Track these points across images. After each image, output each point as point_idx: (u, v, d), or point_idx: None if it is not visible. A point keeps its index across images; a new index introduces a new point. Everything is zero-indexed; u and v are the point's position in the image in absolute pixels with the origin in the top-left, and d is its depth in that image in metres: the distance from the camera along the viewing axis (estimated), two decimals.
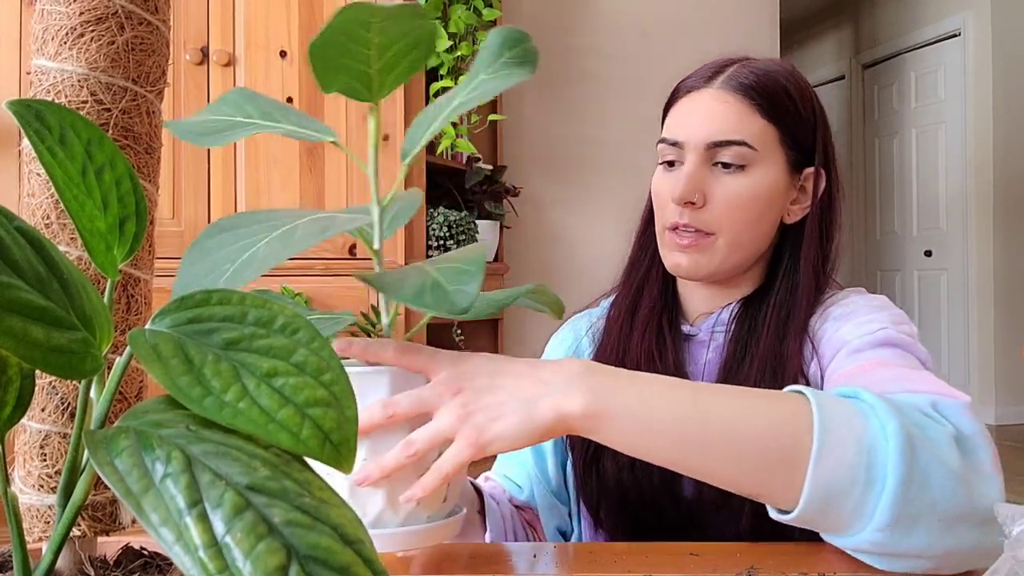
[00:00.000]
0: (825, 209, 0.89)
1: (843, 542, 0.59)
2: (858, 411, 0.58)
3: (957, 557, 0.57)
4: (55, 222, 0.26)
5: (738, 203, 0.82)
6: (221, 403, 0.24)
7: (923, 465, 0.55)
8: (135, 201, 0.26)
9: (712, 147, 0.83)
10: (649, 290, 0.91)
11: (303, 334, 0.26)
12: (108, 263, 0.25)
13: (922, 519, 0.55)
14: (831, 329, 0.81)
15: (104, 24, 0.26)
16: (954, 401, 0.62)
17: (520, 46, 0.56)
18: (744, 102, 0.83)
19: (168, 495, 0.22)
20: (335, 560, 0.21)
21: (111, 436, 0.23)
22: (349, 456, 0.25)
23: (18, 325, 0.23)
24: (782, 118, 0.84)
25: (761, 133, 0.83)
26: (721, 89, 0.84)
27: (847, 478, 0.56)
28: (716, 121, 0.83)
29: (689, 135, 0.84)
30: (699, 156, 0.83)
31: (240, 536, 0.21)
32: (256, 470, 0.23)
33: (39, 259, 0.24)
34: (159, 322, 0.26)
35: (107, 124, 0.26)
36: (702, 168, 0.83)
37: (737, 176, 0.83)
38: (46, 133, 0.25)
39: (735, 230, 0.83)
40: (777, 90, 0.85)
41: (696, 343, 0.89)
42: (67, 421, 0.26)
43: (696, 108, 0.85)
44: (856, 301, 0.83)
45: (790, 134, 0.85)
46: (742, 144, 0.82)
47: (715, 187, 0.83)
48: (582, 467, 0.86)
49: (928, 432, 0.58)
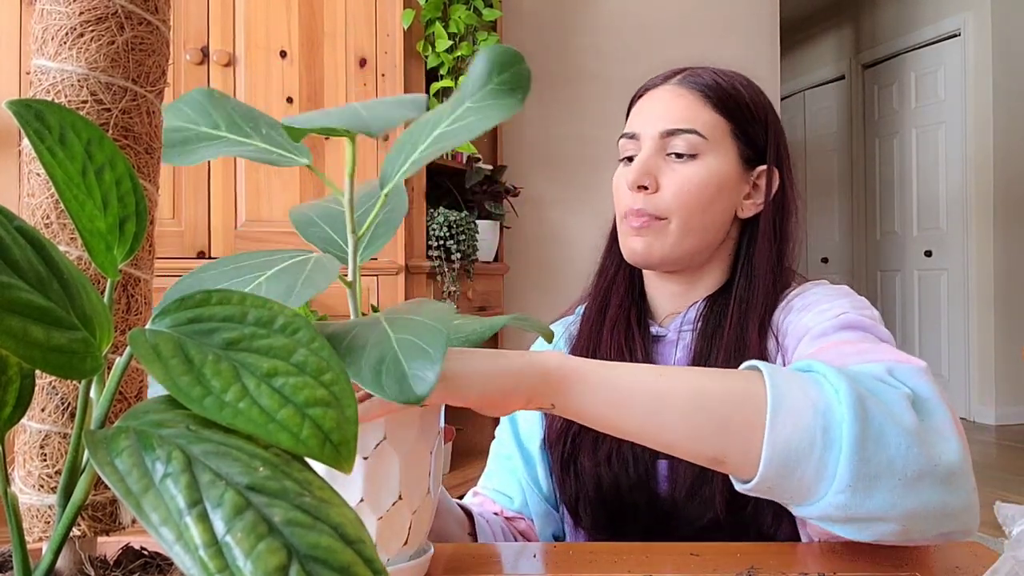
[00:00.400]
0: (779, 208, 0.92)
1: (808, 510, 0.60)
2: (811, 380, 0.61)
3: (921, 519, 0.57)
4: (55, 222, 0.26)
5: (688, 188, 0.86)
6: (221, 403, 0.24)
7: (877, 424, 0.56)
8: (135, 201, 0.26)
9: (665, 135, 0.87)
10: (617, 291, 0.95)
11: (303, 334, 0.26)
12: (108, 263, 0.25)
13: (882, 478, 0.56)
14: (794, 320, 0.82)
15: (104, 24, 0.26)
16: (909, 366, 0.64)
17: (510, 70, 0.53)
18: (697, 96, 0.88)
19: (168, 495, 0.22)
20: (335, 560, 0.21)
21: (111, 436, 0.23)
22: (349, 456, 0.25)
23: (18, 325, 0.23)
24: (733, 113, 0.89)
25: (712, 124, 0.88)
26: (676, 85, 0.90)
27: (805, 440, 0.57)
28: (669, 111, 0.88)
29: (644, 126, 0.89)
30: (652, 144, 0.88)
31: (240, 536, 0.21)
32: (256, 470, 0.23)
33: (39, 259, 0.24)
34: (159, 322, 0.26)
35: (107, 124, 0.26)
36: (655, 156, 0.88)
37: (688, 164, 0.87)
38: (46, 133, 0.25)
39: (685, 214, 0.87)
40: (729, 88, 0.90)
41: (666, 343, 0.92)
42: (67, 421, 0.26)
43: (652, 103, 0.90)
44: (817, 292, 0.85)
45: (741, 129, 0.89)
46: (692, 132, 0.86)
47: (667, 174, 0.87)
48: (560, 466, 0.88)
49: (881, 395, 0.59)
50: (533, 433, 0.93)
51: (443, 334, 0.44)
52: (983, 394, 4.80)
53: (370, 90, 2.24)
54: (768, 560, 0.64)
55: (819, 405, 0.58)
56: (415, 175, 2.34)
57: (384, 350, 0.43)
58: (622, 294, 0.94)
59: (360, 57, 2.25)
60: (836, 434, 0.56)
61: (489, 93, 0.52)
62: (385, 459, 0.54)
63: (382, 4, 2.26)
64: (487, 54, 0.53)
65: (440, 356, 0.42)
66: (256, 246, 2.14)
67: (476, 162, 2.67)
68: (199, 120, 0.53)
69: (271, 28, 2.20)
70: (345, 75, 2.24)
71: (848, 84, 5.84)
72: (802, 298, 0.85)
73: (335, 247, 0.60)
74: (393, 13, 2.27)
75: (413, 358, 0.43)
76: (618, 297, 0.94)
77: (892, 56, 5.45)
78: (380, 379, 0.42)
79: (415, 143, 0.54)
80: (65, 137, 0.25)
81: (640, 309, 0.94)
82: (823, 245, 6.14)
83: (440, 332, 0.44)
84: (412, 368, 0.42)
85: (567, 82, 3.14)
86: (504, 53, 0.53)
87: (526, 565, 0.66)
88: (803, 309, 0.83)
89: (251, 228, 2.15)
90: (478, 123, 0.51)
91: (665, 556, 0.66)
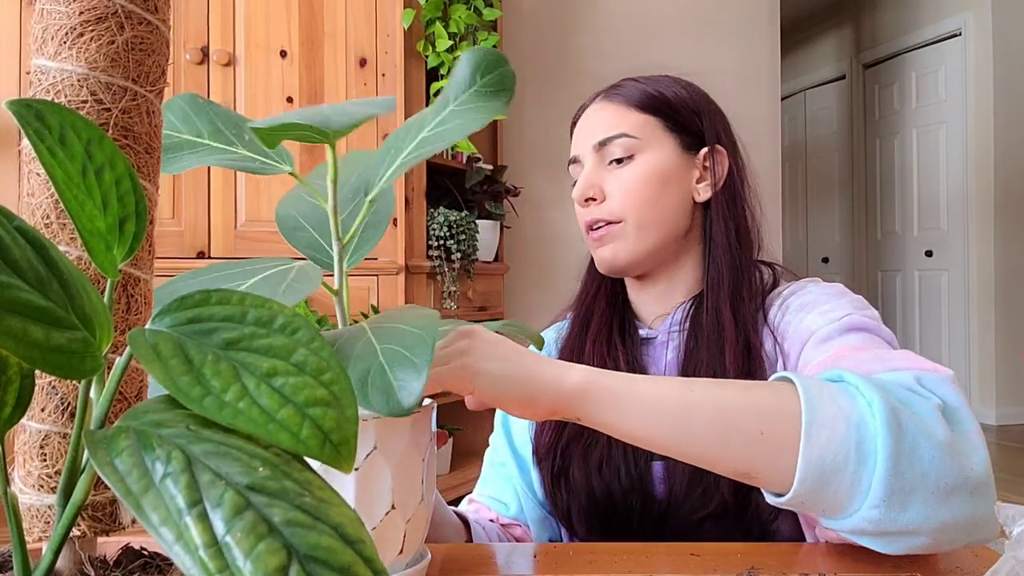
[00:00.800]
0: (730, 185, 0.94)
1: (840, 524, 0.59)
2: (843, 391, 0.59)
3: (952, 531, 0.57)
4: (55, 222, 0.26)
5: (632, 187, 0.89)
6: (221, 403, 0.24)
7: (911, 438, 0.56)
8: (135, 201, 0.26)
9: (598, 147, 0.91)
10: (598, 304, 0.97)
11: (303, 334, 0.26)
12: (108, 263, 0.25)
13: (916, 492, 0.55)
14: (794, 321, 0.82)
15: (104, 24, 0.26)
16: (937, 375, 0.63)
17: (494, 72, 0.52)
18: (620, 104, 0.92)
19: (168, 495, 0.22)
20: (335, 560, 0.21)
21: (111, 436, 0.23)
22: (349, 456, 0.25)
23: (18, 325, 0.22)
24: (659, 109, 0.92)
25: (641, 124, 0.91)
26: (600, 102, 0.95)
27: (840, 455, 0.56)
28: (597, 125, 0.93)
29: (580, 147, 0.94)
30: (591, 159, 0.92)
31: (240, 536, 0.21)
32: (256, 470, 0.23)
33: (39, 259, 0.24)
34: (159, 322, 0.26)
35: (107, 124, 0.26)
36: (597, 168, 0.92)
37: (627, 165, 0.90)
38: (46, 133, 0.25)
39: (637, 212, 0.89)
40: (650, 90, 0.93)
41: (656, 345, 0.92)
42: (67, 421, 0.26)
43: (583, 124, 0.95)
44: (813, 290, 0.85)
45: (672, 121, 0.92)
46: (622, 136, 0.90)
47: (610, 180, 0.91)
48: (551, 479, 0.88)
49: (914, 407, 0.58)
50: (527, 440, 0.93)
51: (428, 342, 0.44)
52: (984, 394, 4.80)
53: (370, 90, 2.24)
54: (768, 560, 0.64)
55: (852, 418, 0.57)
56: (416, 175, 2.33)
57: (370, 362, 0.43)
58: (603, 307, 0.96)
59: (360, 57, 2.25)
60: (871, 448, 0.56)
61: (473, 96, 0.52)
62: (376, 469, 0.54)
63: (382, 4, 2.27)
64: (470, 56, 0.52)
65: (426, 364, 0.42)
66: (256, 246, 2.14)
67: (476, 162, 2.67)
68: (182, 128, 0.52)
69: (271, 28, 2.20)
70: (345, 75, 2.24)
71: (849, 84, 5.84)
72: (798, 297, 0.85)
73: (321, 251, 0.59)
74: (393, 13, 2.27)
75: (399, 368, 0.42)
76: (599, 310, 0.96)
77: (893, 56, 5.45)
78: (366, 391, 0.41)
79: (400, 148, 0.54)
80: (65, 137, 0.25)
81: (623, 318, 0.95)
82: (824, 245, 6.14)
83: (425, 340, 0.44)
84: (398, 379, 0.42)
85: (567, 82, 3.14)
86: (488, 55, 0.52)
87: (526, 565, 0.66)
88: (801, 309, 0.82)
89: (251, 228, 2.15)
90: (462, 126, 0.51)
91: (665, 556, 0.66)
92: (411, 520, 0.56)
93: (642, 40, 3.23)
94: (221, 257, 2.14)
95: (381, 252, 2.23)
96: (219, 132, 0.53)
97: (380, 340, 0.44)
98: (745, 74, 3.39)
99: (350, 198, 0.60)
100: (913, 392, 0.60)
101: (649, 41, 3.23)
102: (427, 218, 2.37)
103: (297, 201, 0.64)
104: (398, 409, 0.41)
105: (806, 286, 0.87)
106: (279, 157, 0.53)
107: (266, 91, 2.18)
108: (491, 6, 2.63)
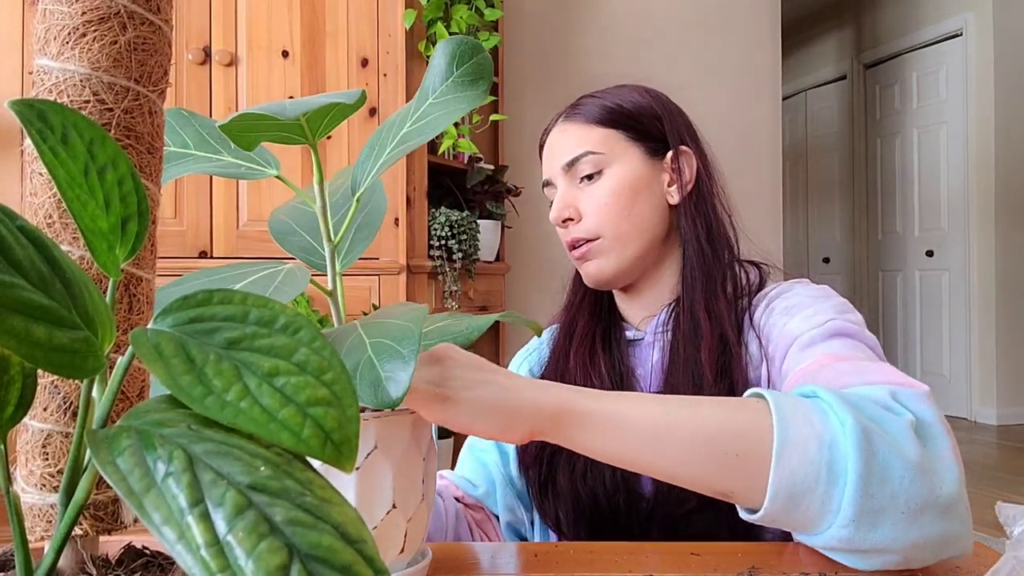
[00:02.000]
0: (697, 188, 0.94)
1: (811, 540, 0.60)
2: (816, 409, 0.59)
3: (924, 549, 0.57)
4: (57, 221, 0.26)
5: (604, 202, 0.90)
6: (223, 402, 0.24)
7: (882, 458, 0.56)
8: (137, 200, 0.26)
9: (567, 167, 0.93)
10: (582, 313, 0.98)
11: (304, 333, 0.26)
12: (110, 263, 0.25)
13: (886, 512, 0.55)
14: (779, 324, 0.82)
15: (107, 24, 0.26)
16: (912, 390, 0.63)
17: (470, 61, 0.52)
18: (581, 123, 0.93)
19: (170, 494, 0.22)
20: (336, 559, 0.21)
21: (113, 435, 0.23)
22: (350, 455, 0.25)
23: (20, 325, 0.23)
24: (619, 121, 0.93)
25: (603, 138, 0.92)
26: (562, 123, 0.96)
27: (810, 475, 0.57)
28: (562, 146, 0.94)
29: (550, 170, 0.96)
30: (563, 180, 0.94)
31: (242, 535, 0.21)
32: (257, 469, 0.23)
33: (42, 259, 0.24)
34: (161, 321, 0.26)
35: (109, 124, 0.26)
36: (569, 189, 0.93)
37: (597, 181, 0.92)
38: (48, 133, 0.25)
39: (612, 225, 0.90)
40: (608, 104, 0.94)
41: (643, 346, 0.93)
42: (69, 420, 0.26)
43: (549, 148, 0.97)
44: (799, 292, 0.85)
45: (634, 130, 0.93)
46: (588, 153, 0.91)
47: (583, 199, 0.92)
48: (538, 488, 0.88)
49: (886, 425, 0.58)
50: None
51: (415, 333, 0.44)
52: (984, 394, 4.80)
53: (372, 90, 2.25)
54: (768, 560, 0.64)
55: (824, 437, 0.57)
56: (417, 175, 2.34)
57: (359, 356, 0.43)
58: (587, 316, 0.97)
59: (362, 57, 2.26)
60: (841, 468, 0.56)
61: (451, 87, 0.52)
62: (377, 468, 0.54)
63: (384, 4, 2.27)
64: (446, 47, 0.52)
65: (413, 355, 0.42)
66: (257, 246, 2.14)
67: (478, 162, 2.67)
68: (169, 140, 0.52)
69: (273, 28, 2.20)
70: (347, 75, 2.24)
71: (850, 84, 5.84)
72: (784, 299, 0.85)
73: (314, 254, 0.59)
74: (395, 13, 2.27)
75: (386, 360, 0.42)
76: (583, 319, 0.97)
77: (894, 56, 5.45)
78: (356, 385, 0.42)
79: (383, 145, 0.54)
80: (67, 136, 0.25)
81: (608, 325, 0.96)
82: (824, 245, 6.14)
83: (412, 331, 0.44)
84: (386, 371, 0.42)
85: (568, 82, 3.14)
86: (462, 44, 0.52)
87: (526, 565, 0.66)
88: (786, 313, 0.82)
89: (252, 228, 2.15)
90: (442, 118, 0.50)
91: (665, 556, 0.66)
92: (412, 519, 0.56)
93: (643, 40, 3.23)
94: (223, 257, 2.14)
95: (382, 252, 2.23)
96: (205, 142, 0.53)
97: (369, 335, 0.45)
98: (746, 74, 3.39)
99: (341, 203, 0.61)
100: (887, 409, 0.60)
101: (650, 41, 3.23)
102: (428, 218, 2.37)
103: (290, 210, 0.64)
104: (387, 400, 0.41)
105: (793, 287, 0.87)
106: (264, 161, 0.53)
107: (268, 91, 2.18)
108: (492, 6, 2.63)
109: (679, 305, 0.90)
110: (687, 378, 0.84)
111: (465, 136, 2.56)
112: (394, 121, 0.54)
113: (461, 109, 0.51)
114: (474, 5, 2.55)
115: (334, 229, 0.55)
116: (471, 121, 2.63)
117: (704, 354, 0.83)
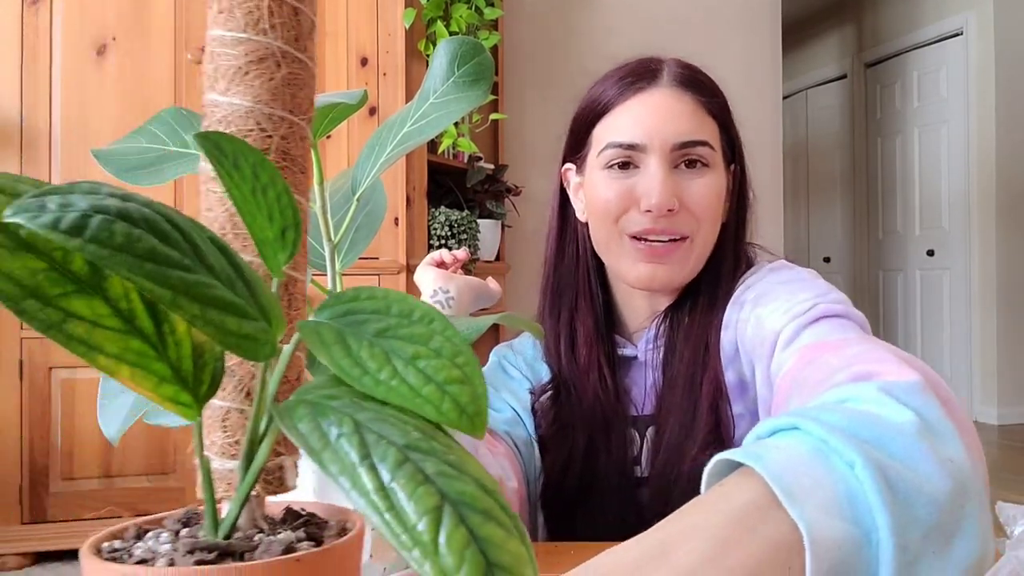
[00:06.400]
0: (739, 201, 0.86)
1: None
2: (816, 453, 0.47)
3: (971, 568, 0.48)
4: (229, 232, 0.31)
5: (707, 203, 0.79)
6: (377, 381, 0.29)
7: (903, 497, 0.46)
8: (292, 213, 0.31)
9: (678, 148, 0.78)
10: (583, 318, 0.87)
11: (437, 323, 0.31)
12: (275, 266, 0.30)
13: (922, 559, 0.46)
14: (751, 319, 0.75)
15: (264, 63, 0.31)
16: (904, 383, 0.53)
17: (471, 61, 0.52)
18: (696, 100, 0.80)
19: (343, 451, 0.27)
20: (479, 504, 0.26)
21: (292, 406, 0.29)
22: (482, 425, 0.31)
23: (217, 317, 0.28)
24: (718, 115, 0.82)
25: (713, 131, 0.81)
26: (674, 87, 0.80)
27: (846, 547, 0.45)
28: (679, 121, 0.78)
29: (651, 137, 0.78)
30: (664, 158, 0.78)
31: (403, 482, 0.26)
32: (409, 433, 0.28)
33: (227, 263, 0.29)
34: (320, 315, 0.31)
35: (268, 149, 0.31)
36: (672, 175, 0.78)
37: (703, 175, 0.79)
38: (224, 159, 0.30)
39: (706, 231, 0.80)
40: (712, 86, 0.83)
41: (636, 365, 0.86)
42: (244, 399, 0.31)
43: (654, 108, 0.79)
44: (770, 280, 0.78)
45: (726, 131, 0.83)
46: (705, 144, 0.79)
47: (686, 189, 0.78)
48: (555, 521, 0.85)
49: (892, 448, 0.48)
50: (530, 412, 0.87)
51: None
52: (985, 394, 4.78)
53: (372, 89, 2.26)
54: None
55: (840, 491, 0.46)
56: (417, 175, 2.36)
57: None
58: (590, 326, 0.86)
59: (362, 56, 2.27)
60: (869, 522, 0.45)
61: (452, 87, 0.52)
62: None
63: (384, 3, 2.27)
64: (447, 47, 0.52)
65: None
66: None
67: (478, 161, 2.69)
68: (169, 140, 0.53)
69: None
70: (347, 74, 2.25)
71: (850, 83, 5.85)
72: (752, 289, 0.78)
73: (314, 253, 0.58)
74: (395, 12, 2.28)
75: None
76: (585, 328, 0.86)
77: (894, 55, 5.44)
78: None
79: (383, 144, 0.54)
80: (238, 161, 0.31)
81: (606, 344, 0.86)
82: (825, 245, 6.16)
83: None
84: None
85: (568, 81, 3.17)
86: (464, 45, 0.52)
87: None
88: (757, 304, 0.75)
89: None
90: (443, 118, 0.51)
91: None
92: None
93: (644, 40, 3.27)
94: None
95: (382, 251, 2.25)
96: None
97: None
98: (747, 73, 3.42)
99: (341, 203, 0.59)
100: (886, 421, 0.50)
101: (651, 41, 3.26)
102: (428, 217, 2.39)
103: None
104: None
105: (765, 276, 0.80)
106: None
107: None
108: (492, 5, 2.64)
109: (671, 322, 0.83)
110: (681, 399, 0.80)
111: (465, 135, 2.58)
112: (394, 121, 0.55)
113: (462, 109, 0.51)
114: (474, 4, 2.55)
115: (334, 229, 0.55)
116: (471, 120, 2.63)
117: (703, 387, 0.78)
